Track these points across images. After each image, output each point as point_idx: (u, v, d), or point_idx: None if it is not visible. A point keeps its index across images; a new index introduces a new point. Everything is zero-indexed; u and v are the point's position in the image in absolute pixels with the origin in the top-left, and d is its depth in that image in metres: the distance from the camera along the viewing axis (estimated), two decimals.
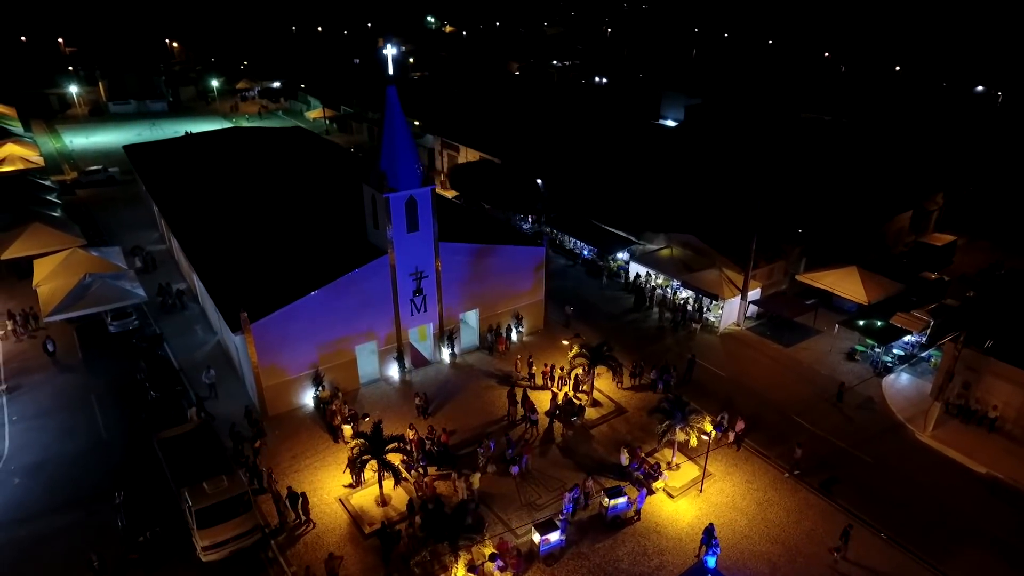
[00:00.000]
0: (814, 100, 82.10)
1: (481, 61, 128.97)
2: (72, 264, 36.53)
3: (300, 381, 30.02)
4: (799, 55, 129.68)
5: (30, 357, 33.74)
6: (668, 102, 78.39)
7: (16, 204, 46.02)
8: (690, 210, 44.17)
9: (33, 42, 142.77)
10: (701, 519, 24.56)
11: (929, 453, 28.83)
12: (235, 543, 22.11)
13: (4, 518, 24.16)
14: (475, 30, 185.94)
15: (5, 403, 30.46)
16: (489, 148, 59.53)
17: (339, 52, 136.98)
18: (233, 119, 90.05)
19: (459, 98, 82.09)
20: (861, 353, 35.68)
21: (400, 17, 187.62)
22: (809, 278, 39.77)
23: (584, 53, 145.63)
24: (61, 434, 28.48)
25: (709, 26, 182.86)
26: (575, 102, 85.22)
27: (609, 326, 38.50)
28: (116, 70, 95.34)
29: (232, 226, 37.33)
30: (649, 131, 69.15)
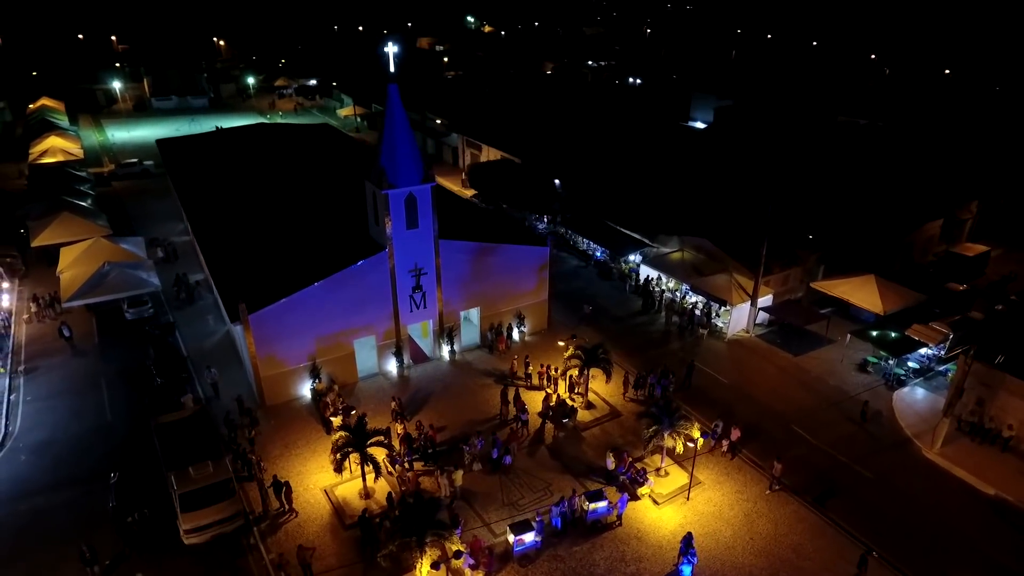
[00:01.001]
0: (855, 103, 79.68)
1: (516, 61, 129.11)
2: (94, 252, 37.97)
3: (298, 372, 30.57)
4: (844, 57, 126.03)
5: (50, 340, 35.18)
6: (698, 103, 77.12)
7: (50, 194, 48.03)
8: (707, 214, 43.39)
9: (89, 40, 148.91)
10: (684, 527, 24.06)
11: (935, 471, 27.68)
12: (217, 528, 22.64)
13: (9, 493, 25.29)
14: (513, 30, 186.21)
15: (22, 383, 31.87)
16: (510, 147, 59.60)
17: (376, 52, 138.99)
18: (269, 115, 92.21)
19: (489, 98, 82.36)
20: (873, 365, 34.49)
21: (440, 17, 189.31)
22: (824, 286, 38.64)
23: (621, 54, 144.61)
24: (69, 415, 29.64)
25: (753, 27, 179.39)
26: (605, 103, 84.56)
27: (615, 328, 38.13)
28: (160, 67, 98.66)
29: (245, 219, 38.17)
30: (676, 133, 68.12)
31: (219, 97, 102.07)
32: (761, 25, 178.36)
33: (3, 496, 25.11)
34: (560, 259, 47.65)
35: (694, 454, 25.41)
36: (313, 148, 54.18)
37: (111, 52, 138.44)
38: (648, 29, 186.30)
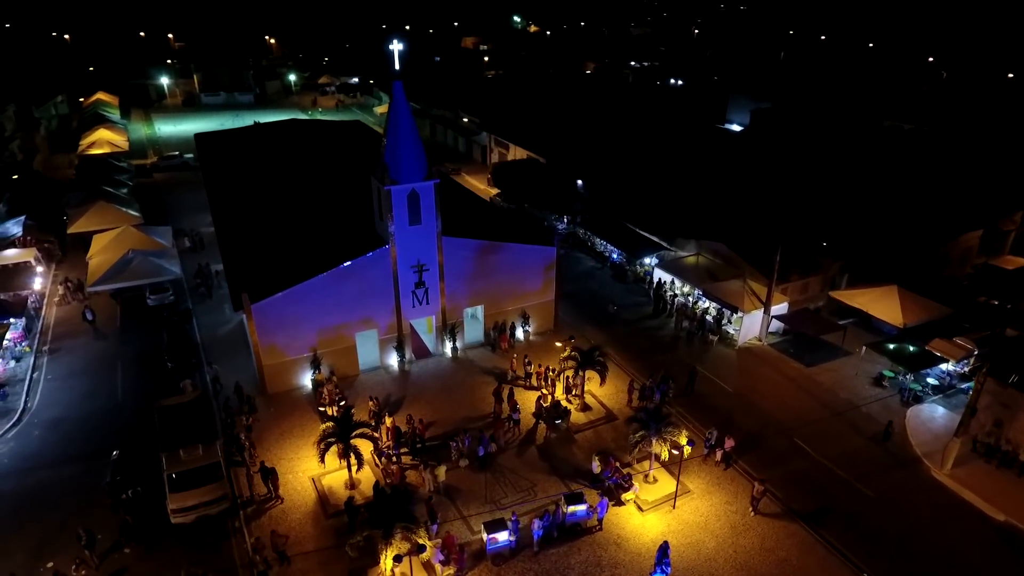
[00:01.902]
0: (905, 107, 76.43)
1: (557, 61, 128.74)
2: (122, 240, 39.63)
3: (300, 362, 31.23)
4: (900, 60, 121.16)
5: (75, 323, 36.87)
6: (735, 105, 75.36)
7: (92, 183, 50.32)
8: (729, 218, 42.36)
9: (150, 38, 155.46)
10: (666, 536, 23.56)
11: (943, 493, 26.40)
12: (202, 509, 23.33)
13: (18, 465, 26.65)
14: (559, 30, 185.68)
15: (45, 362, 33.51)
16: (537, 147, 59.51)
17: (420, 50, 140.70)
18: (310, 112, 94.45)
19: (523, 97, 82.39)
20: (889, 379, 33.09)
21: (487, 16, 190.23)
22: (843, 295, 37.33)
23: (666, 54, 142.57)
24: (84, 395, 31.02)
25: (807, 28, 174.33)
26: (641, 104, 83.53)
27: (623, 331, 37.67)
28: (210, 64, 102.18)
29: (264, 211, 39.14)
30: (709, 135, 66.76)
31: (264, 94, 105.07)
32: (816, 26, 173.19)
33: (13, 468, 26.48)
34: (576, 260, 47.40)
35: (680, 461, 24.89)
36: (339, 144, 55.17)
37: (168, 49, 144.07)
38: (696, 30, 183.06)
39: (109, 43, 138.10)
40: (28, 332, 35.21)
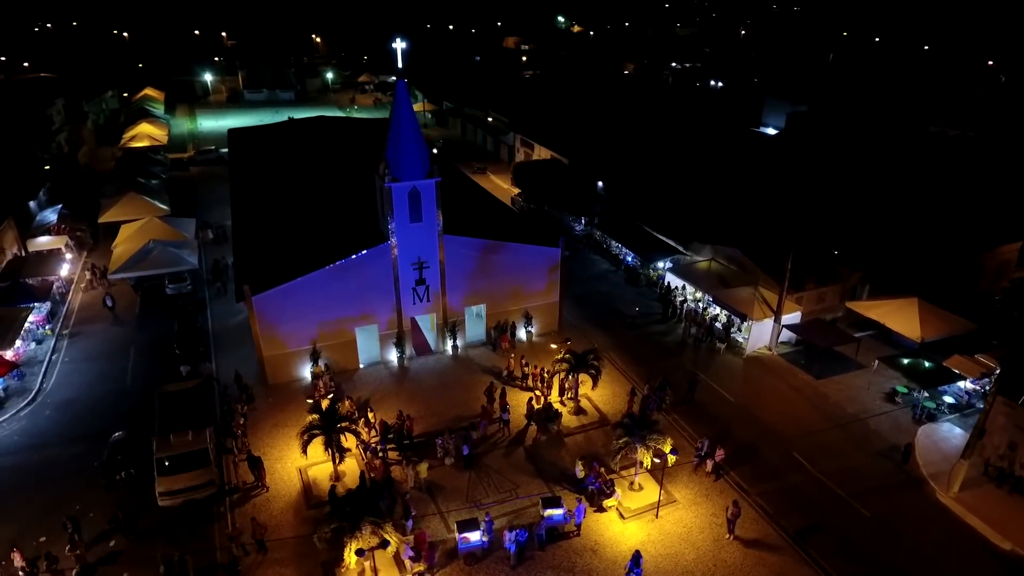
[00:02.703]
0: (957, 112, 73.08)
1: (597, 62, 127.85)
2: (146, 230, 41.09)
3: (300, 355, 31.80)
4: (957, 63, 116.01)
5: (97, 308, 38.39)
6: (771, 108, 73.39)
7: (126, 175, 52.34)
8: (746, 224, 41.30)
9: (204, 36, 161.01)
10: (645, 545, 23.20)
11: (946, 517, 25.16)
12: (189, 493, 23.99)
13: (27, 442, 27.92)
14: (603, 30, 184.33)
15: (65, 345, 35.02)
16: (560, 148, 59.20)
17: (462, 50, 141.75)
18: (347, 110, 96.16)
19: (557, 98, 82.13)
20: (903, 395, 31.71)
21: (531, 16, 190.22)
22: (859, 306, 35.95)
23: (709, 56, 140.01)
24: (96, 378, 32.29)
25: (861, 30, 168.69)
26: (676, 106, 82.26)
27: (629, 335, 37.16)
28: (254, 61, 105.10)
29: (279, 206, 40.02)
30: (742, 138, 65.21)
31: (304, 91, 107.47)
32: (870, 28, 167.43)
33: (23, 445, 27.76)
34: (591, 261, 47.01)
35: (663, 470, 24.38)
36: (362, 142, 55.91)
37: (220, 47, 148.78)
38: (744, 31, 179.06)
39: (163, 41, 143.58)
40: (52, 316, 36.85)
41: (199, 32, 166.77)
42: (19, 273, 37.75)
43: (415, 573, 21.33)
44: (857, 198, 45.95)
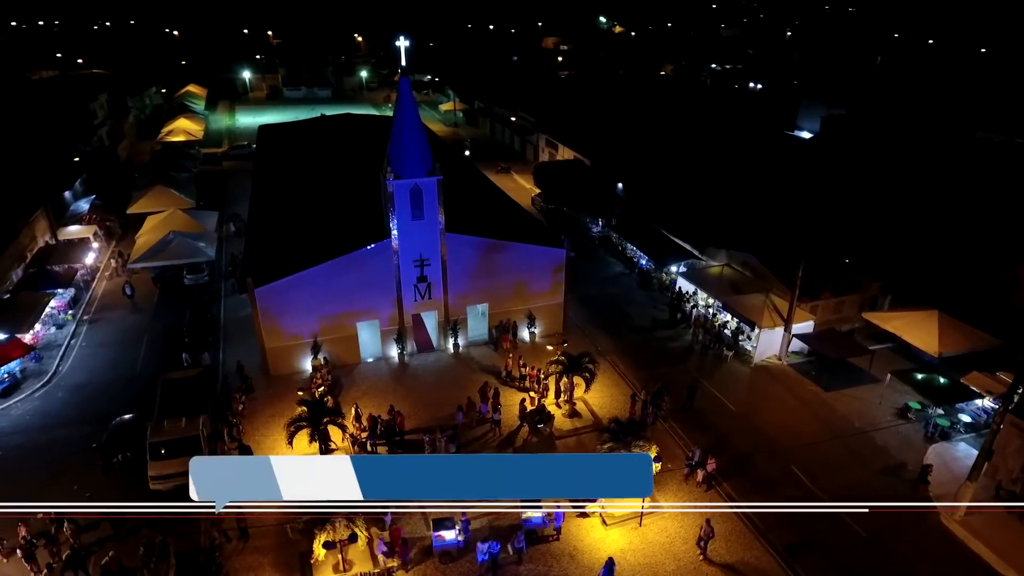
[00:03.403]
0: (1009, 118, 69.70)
1: (635, 63, 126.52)
2: (168, 221, 42.39)
3: (302, 347, 32.30)
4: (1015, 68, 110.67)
5: (118, 296, 39.77)
6: (807, 111, 71.34)
7: (158, 168, 54.10)
8: (766, 229, 40.22)
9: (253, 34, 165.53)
10: (625, 554, 22.82)
11: (949, 541, 23.98)
12: (179, 479, 24.45)
13: (38, 423, 29.10)
14: (644, 31, 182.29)
15: (84, 331, 36.37)
16: (583, 148, 58.73)
17: (500, 50, 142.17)
18: (380, 108, 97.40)
19: (589, 98, 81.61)
20: (915, 411, 30.38)
21: (572, 17, 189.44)
22: (876, 317, 34.61)
23: (751, 57, 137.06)
24: (108, 363, 33.44)
25: (915, 31, 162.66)
26: (711, 107, 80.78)
27: (635, 339, 36.60)
28: (294, 59, 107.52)
29: (293, 201, 40.77)
30: (774, 142, 63.61)
31: (341, 89, 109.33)
32: (925, 30, 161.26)
33: (33, 424, 28.97)
34: (606, 263, 46.51)
35: None
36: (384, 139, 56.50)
37: (266, 45, 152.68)
38: (789, 32, 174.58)
39: (211, 39, 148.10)
40: (75, 302, 38.32)
41: (247, 31, 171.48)
42: (47, 260, 39.42)
43: (387, 568, 21.40)
44: (888, 205, 44.35)
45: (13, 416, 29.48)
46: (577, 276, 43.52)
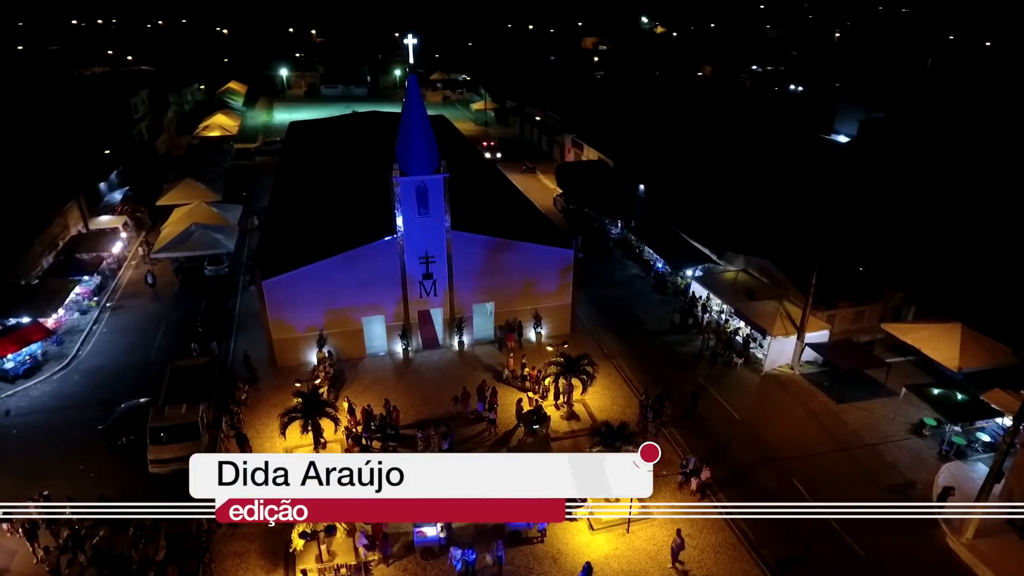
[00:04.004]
0: None
1: (673, 63, 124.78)
2: (192, 214, 43.58)
3: (308, 340, 32.78)
4: None
5: (142, 285, 41.08)
6: (844, 115, 69.16)
7: (190, 162, 55.68)
8: (790, 235, 39.11)
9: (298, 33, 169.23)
10: (609, 560, 22.49)
11: (953, 565, 22.94)
12: (177, 463, 25.05)
13: (53, 404, 30.28)
14: (686, 32, 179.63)
15: (106, 317, 37.68)
16: (608, 149, 58.17)
17: (537, 49, 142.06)
18: None
19: (621, 99, 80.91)
20: (931, 428, 29.14)
21: (613, 17, 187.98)
22: (895, 328, 33.35)
23: (796, 59, 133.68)
24: (124, 349, 34.56)
25: (971, 33, 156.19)
26: (746, 109, 79.14)
27: (644, 343, 36.05)
28: (332, 57, 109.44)
29: (309, 196, 41.42)
30: (807, 146, 61.98)
31: (377, 87, 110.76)
32: (982, 31, 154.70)
33: (49, 405, 30.16)
34: (622, 266, 45.99)
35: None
36: None
37: (310, 44, 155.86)
38: (838, 33, 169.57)
39: (257, 37, 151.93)
40: (101, 289, 39.73)
41: (292, 29, 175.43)
42: (77, 248, 40.95)
43: (366, 562, 21.53)
44: (920, 213, 42.73)
45: (32, 396, 30.73)
46: (592, 277, 43.33)
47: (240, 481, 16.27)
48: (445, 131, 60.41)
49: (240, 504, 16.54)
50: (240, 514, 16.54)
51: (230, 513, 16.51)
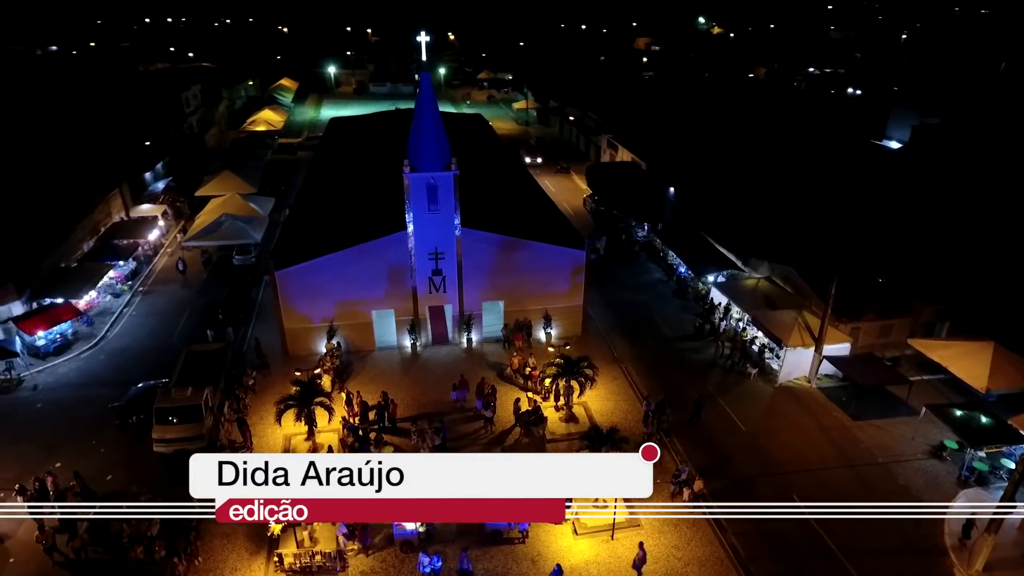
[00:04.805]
0: None
1: (725, 65, 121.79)
2: (225, 205, 45.10)
3: (320, 330, 33.46)
4: None
5: (173, 270, 42.78)
6: (897, 119, 65.86)
7: (231, 156, 57.64)
8: (822, 243, 37.60)
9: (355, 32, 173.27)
10: (589, 566, 22.15)
11: None
12: (179, 444, 26.12)
13: (78, 380, 31.88)
14: (744, 32, 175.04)
15: (136, 301, 39.40)
16: (642, 151, 57.25)
17: (588, 49, 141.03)
18: (458, 105, 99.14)
19: (664, 100, 79.51)
20: (951, 451, 27.51)
21: (669, 17, 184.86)
22: (922, 344, 31.61)
23: (858, 61, 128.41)
24: (149, 332, 36.07)
25: None
26: (797, 113, 76.48)
27: (655, 349, 35.35)
28: (381, 56, 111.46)
29: (333, 190, 42.22)
30: (855, 151, 59.40)
31: None
32: None
33: (73, 382, 31.77)
34: (645, 269, 45.23)
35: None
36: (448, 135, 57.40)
37: (365, 43, 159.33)
38: (905, 35, 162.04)
39: (315, 36, 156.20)
40: (135, 274, 41.57)
41: (349, 28, 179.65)
42: (116, 235, 42.98)
43: (341, 551, 21.79)
44: (965, 225, 40.45)
45: (59, 373, 32.42)
46: (612, 280, 42.81)
47: (240, 481, 16.17)
48: (478, 129, 60.85)
49: (240, 504, 16.43)
50: (240, 514, 16.46)
51: (230, 513, 16.44)
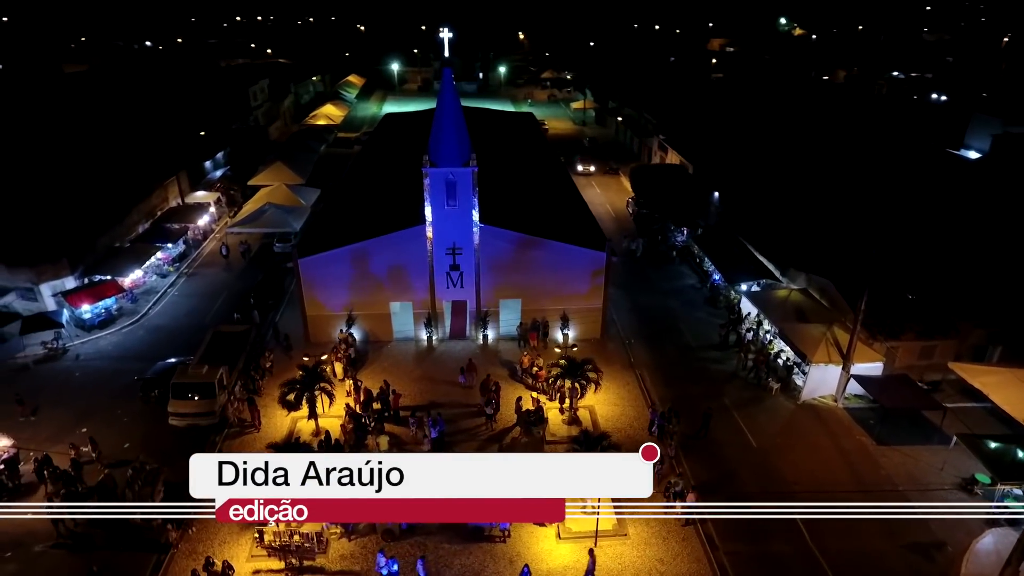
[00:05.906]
0: None
1: (803, 67, 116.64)
2: (271, 194, 46.87)
3: (340, 318, 34.28)
4: None
5: (218, 256, 44.87)
6: (977, 128, 61.14)
7: (288, 148, 59.88)
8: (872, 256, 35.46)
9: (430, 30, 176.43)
10: (567, 571, 21.75)
11: None
12: (192, 419, 27.44)
13: (114, 352, 33.99)
14: (828, 34, 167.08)
15: (181, 282, 41.55)
16: (691, 153, 55.65)
17: (659, 50, 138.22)
18: (518, 104, 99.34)
19: (730, 103, 77.02)
20: (983, 486, 25.37)
21: (748, 18, 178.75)
22: (963, 369, 29.19)
23: (950, 65, 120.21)
24: (186, 312, 37.97)
25: None
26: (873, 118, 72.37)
27: (676, 357, 34.34)
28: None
29: (370, 184, 43.18)
30: (929, 161, 55.67)
31: (487, 84, 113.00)
32: None
33: (111, 354, 33.87)
34: (679, 274, 43.99)
35: (597, 500, 22.41)
36: (491, 132, 57.61)
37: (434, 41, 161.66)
38: (1007, 38, 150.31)
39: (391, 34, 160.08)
40: (184, 257, 43.87)
41: (424, 27, 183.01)
42: (170, 219, 45.47)
43: (318, 533, 22.25)
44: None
45: (99, 345, 34.62)
46: (643, 283, 41.90)
47: (240, 481, 16.52)
48: (523, 127, 60.84)
49: (240, 504, 16.86)
50: (240, 514, 16.89)
51: (230, 513, 16.88)
